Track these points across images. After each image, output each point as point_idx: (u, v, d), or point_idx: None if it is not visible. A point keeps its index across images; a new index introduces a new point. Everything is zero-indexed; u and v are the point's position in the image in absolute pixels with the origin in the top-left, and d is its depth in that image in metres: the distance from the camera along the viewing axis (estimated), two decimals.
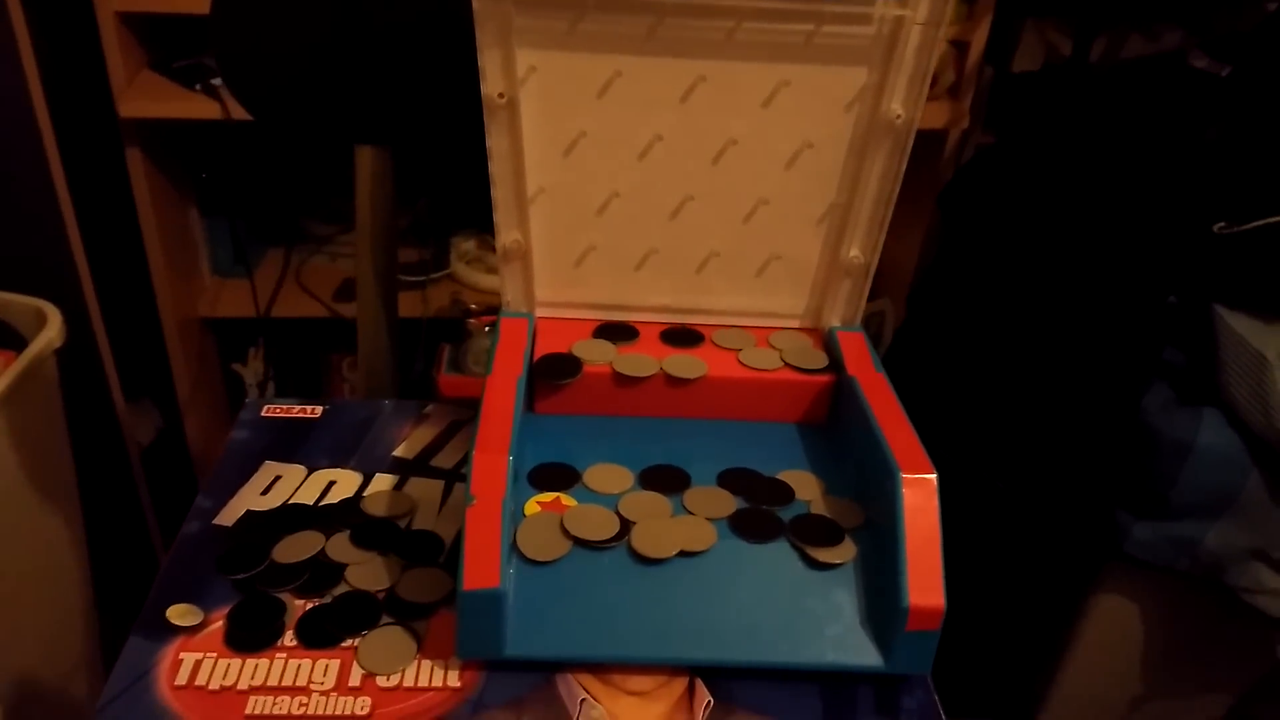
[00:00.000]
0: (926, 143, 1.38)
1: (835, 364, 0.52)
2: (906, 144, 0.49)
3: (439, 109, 0.64)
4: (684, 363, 0.52)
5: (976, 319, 1.11)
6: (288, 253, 1.52)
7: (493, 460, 0.42)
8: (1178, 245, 0.96)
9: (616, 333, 0.54)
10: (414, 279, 1.52)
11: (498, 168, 0.49)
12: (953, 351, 1.14)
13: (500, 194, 0.50)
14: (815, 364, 0.52)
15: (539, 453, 0.49)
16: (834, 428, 0.52)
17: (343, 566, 0.47)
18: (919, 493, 0.42)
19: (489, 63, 0.47)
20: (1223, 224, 0.94)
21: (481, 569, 0.40)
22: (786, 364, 0.52)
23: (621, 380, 0.51)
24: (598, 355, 0.52)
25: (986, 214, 1.14)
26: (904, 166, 0.49)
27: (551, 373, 0.50)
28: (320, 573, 0.47)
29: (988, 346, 1.09)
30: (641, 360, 0.51)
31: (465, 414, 0.59)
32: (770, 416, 0.53)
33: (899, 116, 0.48)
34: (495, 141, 0.49)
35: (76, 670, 1.04)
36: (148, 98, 1.22)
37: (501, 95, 0.47)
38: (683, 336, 0.54)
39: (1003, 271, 1.09)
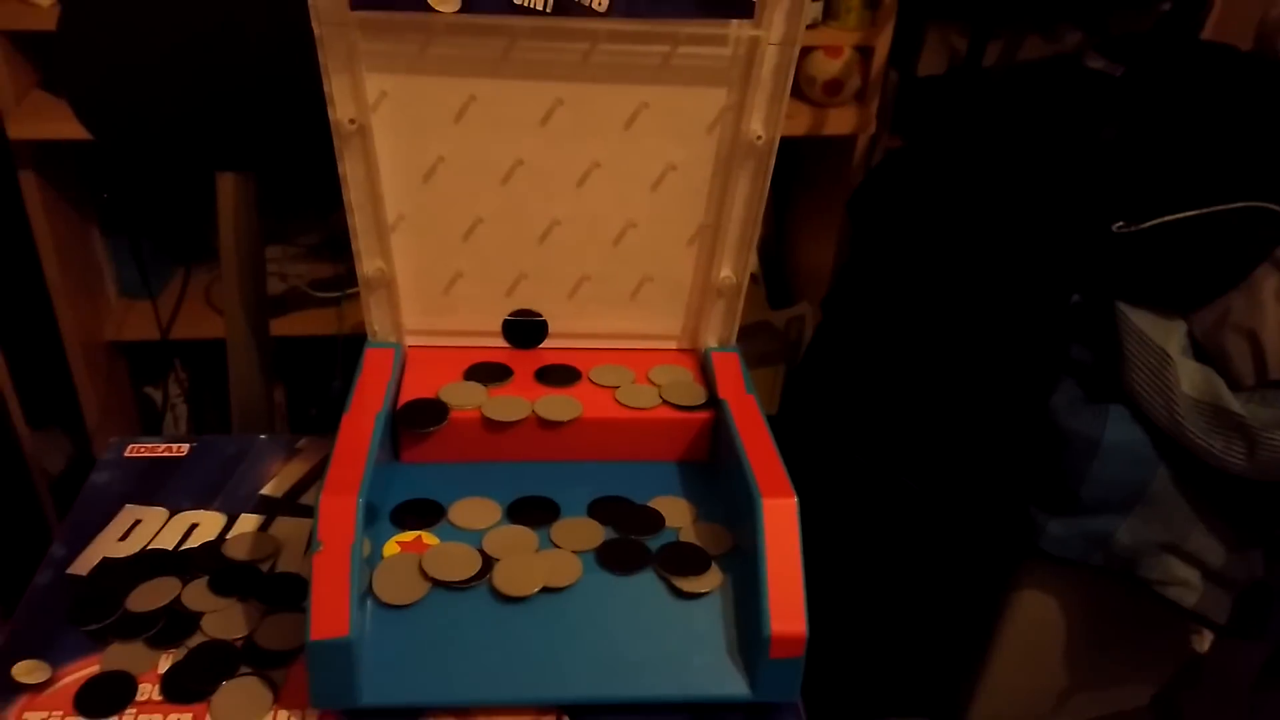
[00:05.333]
0: (835, 148, 1.39)
1: (714, 398, 0.51)
2: (769, 164, 0.48)
3: (297, 135, 0.63)
4: (558, 404, 0.50)
5: (888, 321, 1.12)
6: (187, 272, 1.48)
7: (340, 503, 0.40)
8: (1079, 245, 0.97)
9: (488, 373, 0.52)
10: (329, 295, 1.49)
11: (354, 195, 0.48)
12: (866, 354, 1.14)
13: (359, 222, 0.49)
14: (694, 400, 0.51)
15: (406, 490, 0.48)
16: (716, 463, 0.51)
17: (199, 615, 0.45)
18: (780, 518, 0.42)
19: (337, 88, 0.45)
20: (1121, 223, 0.96)
21: (329, 618, 0.39)
22: (665, 401, 0.50)
23: (491, 425, 0.49)
24: (466, 399, 0.49)
25: (895, 218, 1.14)
26: (768, 186, 0.49)
27: (415, 420, 0.48)
28: (175, 621, 0.45)
29: (899, 348, 1.09)
30: (512, 403, 0.49)
31: None
32: (649, 456, 0.51)
33: (759, 137, 0.47)
34: (350, 168, 0.47)
35: None
36: (39, 118, 1.18)
37: (352, 121, 0.46)
38: (558, 374, 0.52)
39: (912, 274, 1.10)
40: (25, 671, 0.43)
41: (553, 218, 0.50)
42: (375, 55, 0.45)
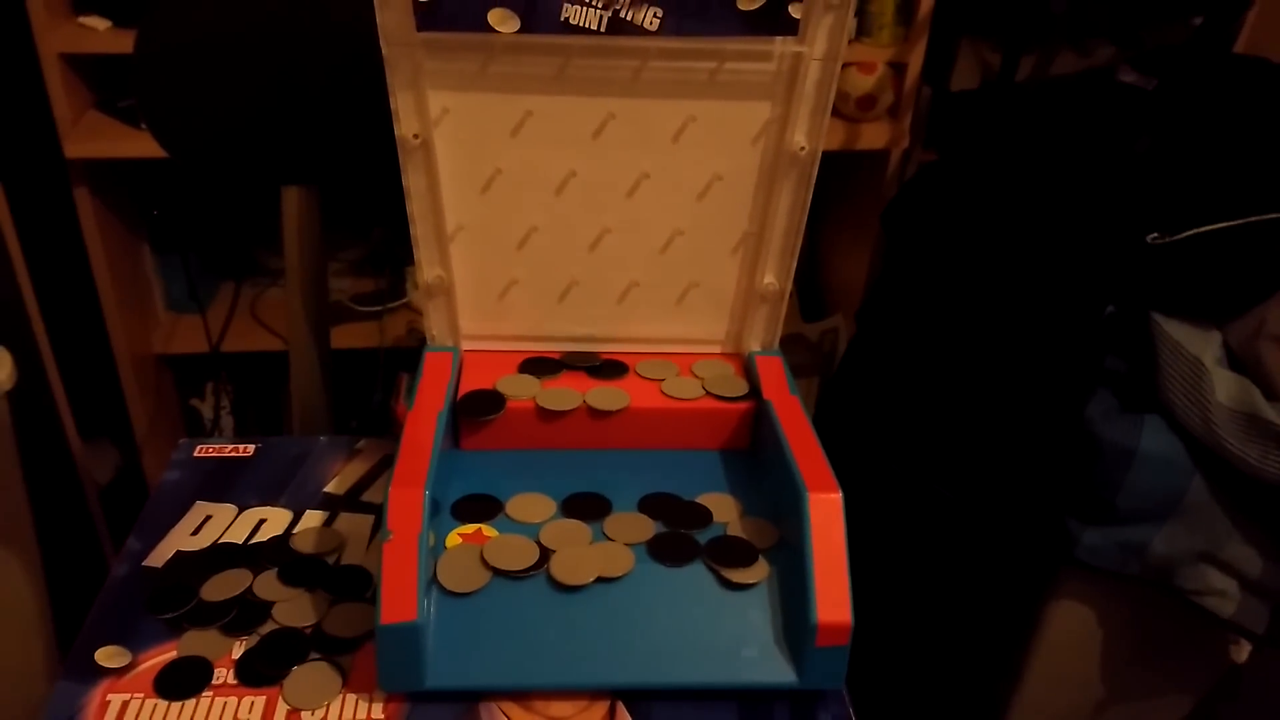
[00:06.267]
0: (869, 162, 1.40)
1: (755, 390, 0.53)
2: (811, 174, 0.50)
3: (363, 149, 0.66)
4: (607, 395, 0.53)
5: (922, 333, 1.13)
6: (237, 287, 1.52)
7: (409, 495, 0.43)
8: (1114, 256, 0.98)
9: (541, 367, 0.55)
10: (370, 309, 1.52)
11: (416, 206, 0.51)
12: (901, 365, 1.15)
13: (420, 231, 0.51)
14: (735, 391, 0.53)
15: (465, 486, 0.50)
16: (756, 452, 0.54)
17: (270, 604, 0.48)
18: (825, 511, 0.44)
19: (402, 105, 0.48)
20: (1155, 234, 0.96)
21: (399, 603, 0.41)
22: (708, 393, 0.53)
23: (545, 414, 0.52)
24: (521, 390, 0.52)
25: (929, 230, 1.16)
26: (810, 195, 0.51)
27: (475, 409, 0.51)
28: (247, 610, 0.48)
29: (934, 359, 1.10)
30: (565, 394, 0.52)
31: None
32: (693, 444, 0.54)
33: (803, 148, 0.50)
34: (412, 181, 0.50)
35: (36, 717, 1.03)
36: (94, 137, 1.23)
37: (416, 136, 0.48)
38: (607, 369, 0.55)
39: (946, 286, 1.11)
40: (107, 656, 0.46)
41: (603, 227, 0.53)
42: (438, 73, 0.47)
